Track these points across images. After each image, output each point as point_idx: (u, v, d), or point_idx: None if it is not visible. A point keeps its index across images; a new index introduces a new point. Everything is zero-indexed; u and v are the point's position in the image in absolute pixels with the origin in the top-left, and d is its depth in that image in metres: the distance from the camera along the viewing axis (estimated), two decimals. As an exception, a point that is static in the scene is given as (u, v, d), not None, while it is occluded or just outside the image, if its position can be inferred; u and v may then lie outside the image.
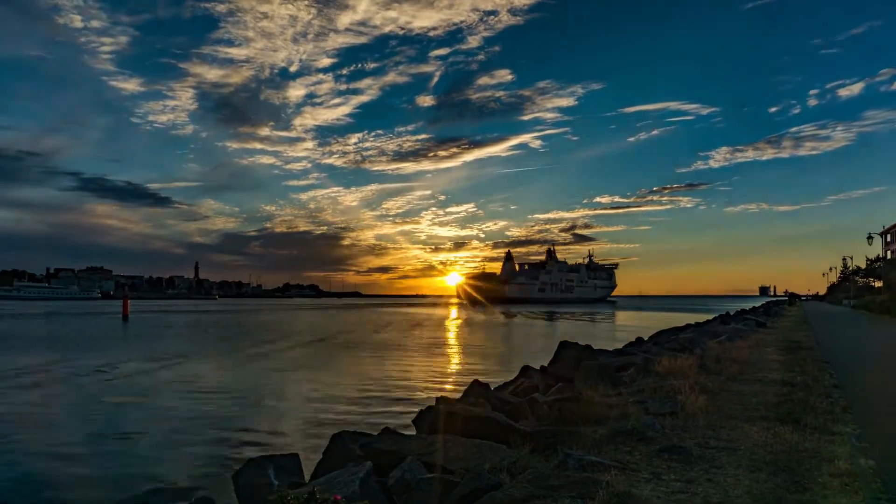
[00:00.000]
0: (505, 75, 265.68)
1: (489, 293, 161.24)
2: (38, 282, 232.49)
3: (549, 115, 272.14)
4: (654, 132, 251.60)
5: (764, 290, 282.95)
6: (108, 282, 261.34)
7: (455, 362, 30.12)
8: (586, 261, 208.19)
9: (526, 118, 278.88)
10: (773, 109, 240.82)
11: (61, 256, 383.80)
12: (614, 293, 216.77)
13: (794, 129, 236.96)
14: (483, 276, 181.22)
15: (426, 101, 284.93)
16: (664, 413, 7.74)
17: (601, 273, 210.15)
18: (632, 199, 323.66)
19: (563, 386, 11.47)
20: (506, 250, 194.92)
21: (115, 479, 10.69)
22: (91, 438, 13.73)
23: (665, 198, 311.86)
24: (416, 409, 11.35)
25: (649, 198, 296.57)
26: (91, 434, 14.13)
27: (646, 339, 25.52)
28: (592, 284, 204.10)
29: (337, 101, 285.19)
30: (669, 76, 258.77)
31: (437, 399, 10.99)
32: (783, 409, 8.06)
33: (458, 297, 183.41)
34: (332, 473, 5.82)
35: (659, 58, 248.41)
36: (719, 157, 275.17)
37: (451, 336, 50.22)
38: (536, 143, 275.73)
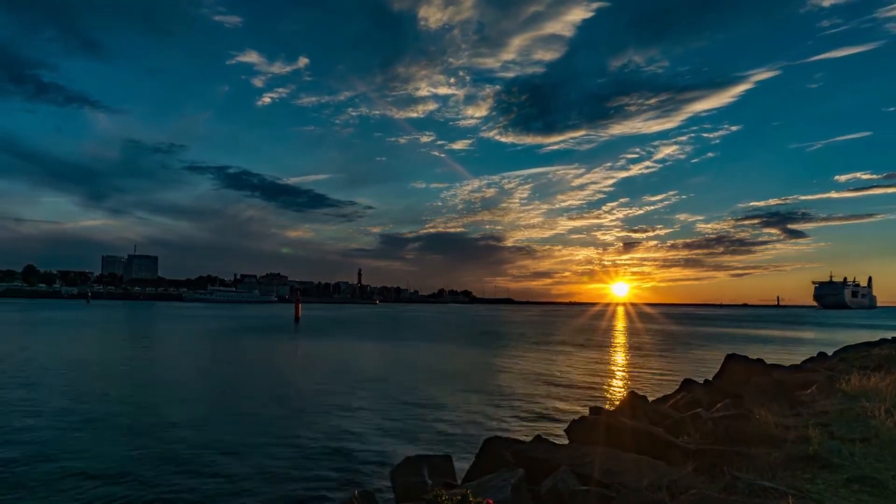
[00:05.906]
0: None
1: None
2: (227, 286, 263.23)
3: (825, 24, 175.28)
4: None
5: None
6: (284, 287, 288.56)
7: (612, 371, 29.13)
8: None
9: (786, 34, 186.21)
10: None
11: (244, 262, 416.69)
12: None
13: None
14: None
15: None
16: (853, 439, 6.87)
17: None
18: (883, 176, 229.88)
19: (730, 402, 10.65)
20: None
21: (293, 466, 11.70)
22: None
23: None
24: (569, 418, 11.14)
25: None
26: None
27: (829, 354, 22.96)
28: None
29: (508, 24, 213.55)
30: None
31: (591, 409, 10.73)
32: None
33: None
34: (484, 477, 5.88)
35: None
36: None
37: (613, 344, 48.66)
38: (785, 82, 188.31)
